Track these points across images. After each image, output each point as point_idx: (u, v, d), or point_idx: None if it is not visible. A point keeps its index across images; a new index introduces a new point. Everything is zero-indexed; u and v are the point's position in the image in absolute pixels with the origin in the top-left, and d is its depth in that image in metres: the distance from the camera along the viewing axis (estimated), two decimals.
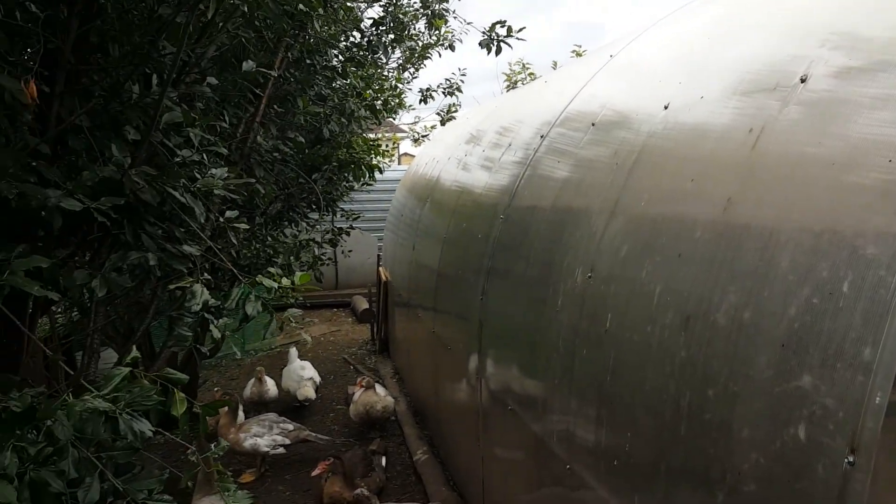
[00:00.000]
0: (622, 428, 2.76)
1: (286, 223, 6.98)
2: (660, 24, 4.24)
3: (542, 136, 4.62)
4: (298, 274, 3.10)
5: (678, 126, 3.00)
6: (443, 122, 9.39)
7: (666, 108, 3.13)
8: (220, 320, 3.21)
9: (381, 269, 11.21)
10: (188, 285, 3.02)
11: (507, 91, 14.93)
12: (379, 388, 7.66)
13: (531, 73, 16.92)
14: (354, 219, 7.80)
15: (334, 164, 6.26)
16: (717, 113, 2.80)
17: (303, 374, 8.78)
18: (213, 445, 2.72)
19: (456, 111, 9.09)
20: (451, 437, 6.16)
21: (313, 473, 6.04)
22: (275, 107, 4.83)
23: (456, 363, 5.65)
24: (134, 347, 2.56)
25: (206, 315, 3.08)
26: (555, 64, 15.74)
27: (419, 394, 8.07)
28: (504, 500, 4.48)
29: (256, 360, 11.15)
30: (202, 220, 3.06)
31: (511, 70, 17.41)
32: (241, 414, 7.53)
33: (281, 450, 6.87)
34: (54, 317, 5.53)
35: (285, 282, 3.19)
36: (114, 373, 2.38)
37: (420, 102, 8.31)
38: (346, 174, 6.80)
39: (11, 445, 2.06)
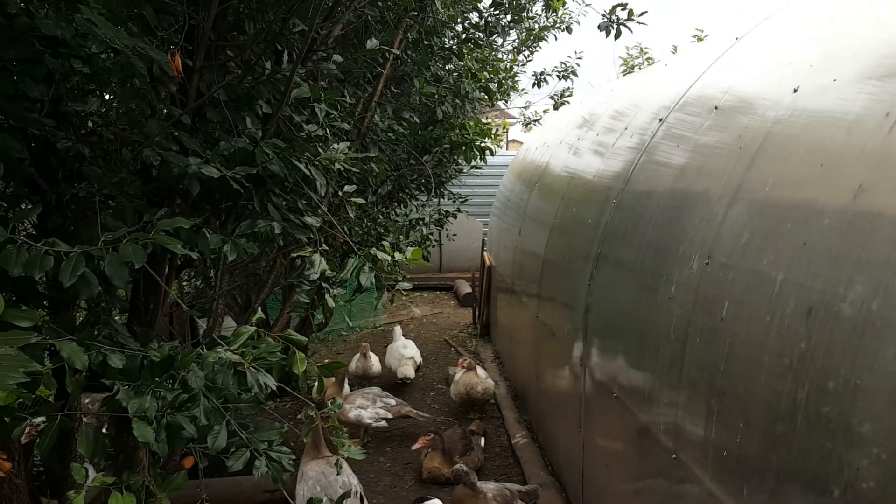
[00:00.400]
0: (734, 419, 2.70)
1: (395, 203, 7.13)
2: (791, 5, 4.06)
3: (659, 121, 4.52)
4: (410, 249, 3.19)
5: (808, 111, 2.88)
6: (556, 107, 9.30)
7: (795, 91, 3.00)
8: (335, 290, 3.34)
9: (485, 253, 11.28)
10: (308, 255, 3.17)
11: (624, 76, 14.58)
12: (480, 371, 7.75)
13: (649, 58, 16.38)
14: (462, 202, 7.87)
15: (445, 145, 6.34)
16: (851, 98, 2.66)
17: (404, 353, 8.99)
18: (329, 402, 2.85)
19: (570, 95, 8.97)
20: (551, 423, 6.16)
21: (414, 447, 6.19)
22: (391, 87, 4.94)
23: (559, 349, 5.64)
24: (259, 309, 2.71)
25: (322, 284, 3.21)
26: (675, 48, 15.17)
27: (519, 378, 8.09)
28: (604, 487, 4.46)
29: (361, 337, 11.49)
30: (322, 194, 3.19)
31: (628, 54, 16.93)
32: (346, 386, 7.80)
33: (383, 423, 7.07)
34: (182, 283, 5.89)
35: (398, 256, 3.28)
36: (241, 331, 2.53)
37: (533, 86, 8.27)
38: (455, 157, 6.88)
39: (151, 391, 2.24)
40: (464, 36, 6.16)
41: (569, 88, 8.92)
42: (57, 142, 2.57)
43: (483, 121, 7.39)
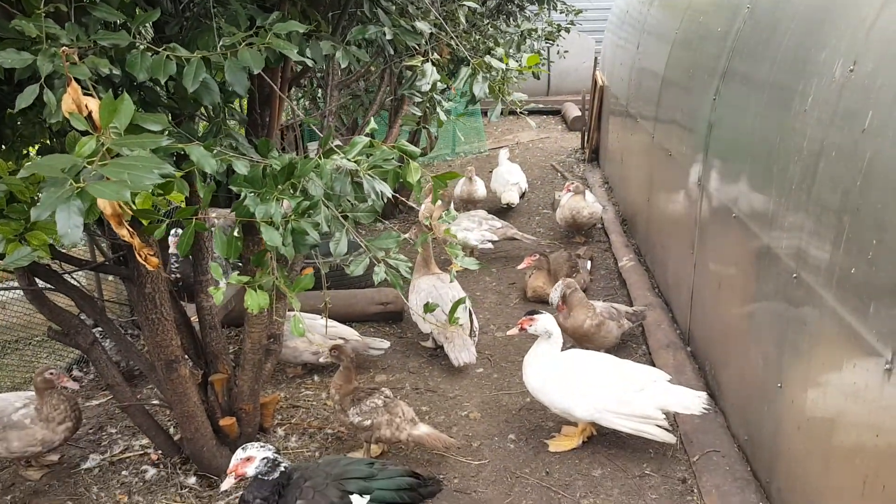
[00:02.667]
0: (866, 236, 2.54)
1: (503, 16, 6.77)
2: None
3: None
4: (526, 56, 3.04)
5: None
6: None
7: None
8: (447, 102, 3.26)
9: (597, 73, 10.76)
10: (418, 64, 3.08)
11: None
12: (588, 194, 7.64)
13: None
14: (577, 14, 7.38)
15: None
16: None
17: (508, 179, 8.95)
18: (444, 212, 2.87)
19: None
20: (661, 246, 6.09)
21: (520, 267, 6.31)
22: None
23: (676, 171, 5.44)
24: (372, 120, 2.69)
25: (434, 95, 3.14)
26: None
27: (629, 203, 7.96)
28: (714, 307, 4.43)
29: (466, 162, 11.49)
30: None
31: None
32: (451, 209, 7.91)
33: (489, 245, 7.19)
34: (291, 101, 5.95)
35: (512, 64, 3.14)
36: (356, 140, 2.53)
37: None
38: None
39: (275, 198, 2.30)
40: None
41: None
42: None
43: None
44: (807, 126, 3.13)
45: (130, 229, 2.01)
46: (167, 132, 2.46)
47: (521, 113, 3.06)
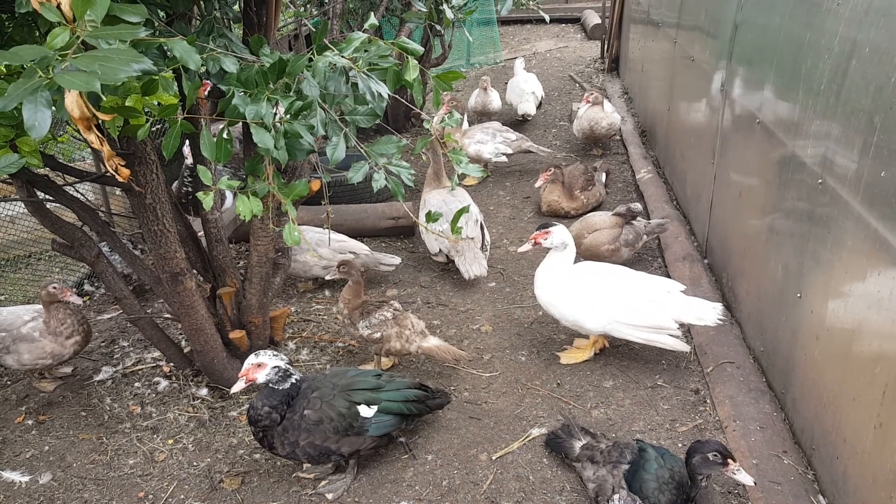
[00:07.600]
0: None
1: None
2: None
3: None
4: None
5: None
6: None
7: None
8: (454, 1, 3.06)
9: None
10: None
11: None
12: (607, 105, 7.38)
13: None
14: None
15: None
16: None
17: (524, 88, 8.66)
18: (446, 114, 2.72)
19: None
20: (681, 157, 5.90)
21: (536, 184, 6.13)
22: None
23: (698, 78, 5.20)
24: (372, 14, 2.53)
25: None
26: None
27: (649, 113, 7.70)
28: (733, 218, 4.29)
29: (481, 73, 11.15)
30: None
31: None
32: (465, 122, 7.70)
33: (503, 158, 7.02)
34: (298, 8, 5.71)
35: None
36: (352, 37, 2.37)
37: None
38: None
39: (266, 97, 2.17)
40: None
41: None
42: None
43: None
44: (838, 23, 2.91)
45: (100, 135, 1.91)
46: (156, 31, 2.32)
47: (535, 5, 2.86)
